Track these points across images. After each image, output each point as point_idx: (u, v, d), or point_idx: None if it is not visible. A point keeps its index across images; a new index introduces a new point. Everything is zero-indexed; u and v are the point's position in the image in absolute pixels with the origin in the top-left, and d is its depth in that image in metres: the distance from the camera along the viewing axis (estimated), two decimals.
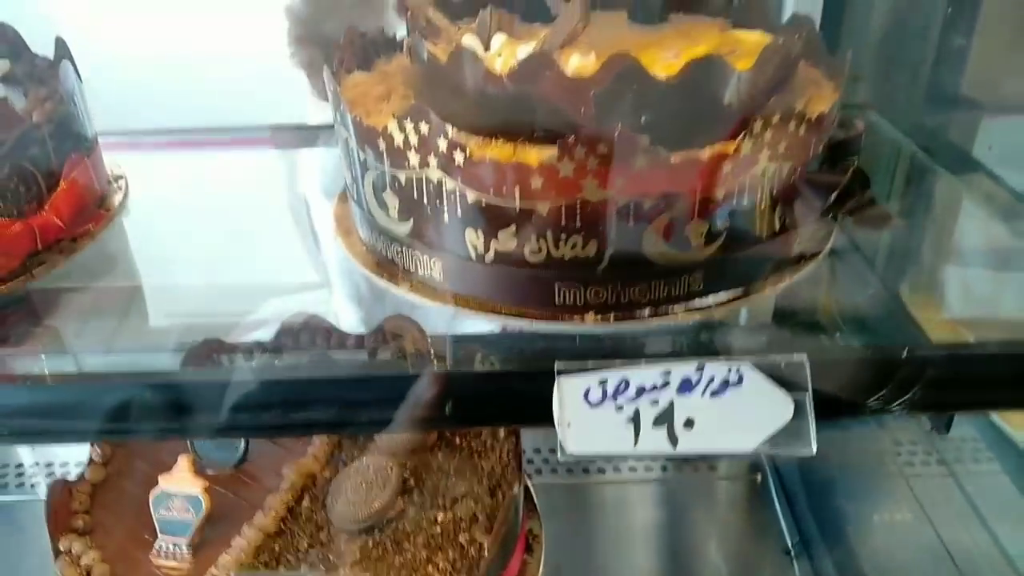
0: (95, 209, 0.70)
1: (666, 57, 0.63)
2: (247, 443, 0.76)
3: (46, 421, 0.62)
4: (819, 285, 0.61)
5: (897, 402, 0.47)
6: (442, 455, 0.77)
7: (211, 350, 0.84)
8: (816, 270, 0.60)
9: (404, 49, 0.70)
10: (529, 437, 1.03)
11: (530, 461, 1.14)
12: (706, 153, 0.53)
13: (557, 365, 0.50)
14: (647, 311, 0.56)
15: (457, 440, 0.79)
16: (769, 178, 0.55)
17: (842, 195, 0.61)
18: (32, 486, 1.11)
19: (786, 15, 0.94)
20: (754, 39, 0.66)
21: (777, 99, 0.58)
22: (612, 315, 0.56)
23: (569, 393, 0.49)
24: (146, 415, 0.61)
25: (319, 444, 0.78)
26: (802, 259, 0.60)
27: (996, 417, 0.80)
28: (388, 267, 0.63)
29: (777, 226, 0.57)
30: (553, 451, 1.07)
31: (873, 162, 0.77)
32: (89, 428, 0.65)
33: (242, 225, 0.96)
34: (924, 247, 0.80)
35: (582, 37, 0.65)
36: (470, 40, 0.64)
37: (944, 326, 0.71)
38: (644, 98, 0.53)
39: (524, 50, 0.62)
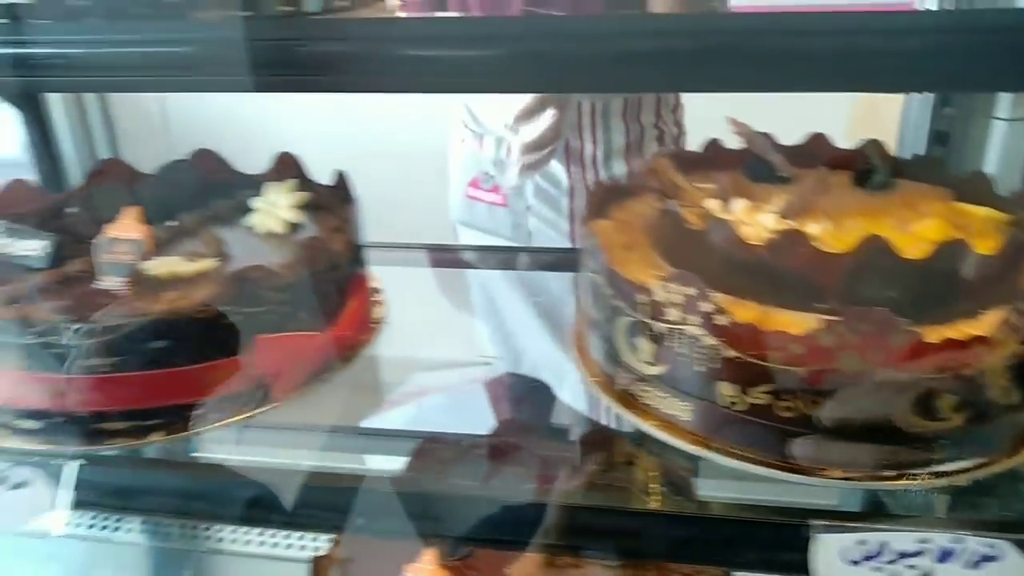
0: (369, 322, 0.81)
1: (893, 225, 0.69)
2: None
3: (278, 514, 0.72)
4: None
5: None
6: (654, 571, 0.81)
7: (433, 446, 0.93)
8: None
9: (643, 201, 0.79)
10: None
11: None
12: (953, 332, 0.58)
13: (813, 522, 0.54)
14: (892, 473, 0.60)
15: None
16: (1011, 354, 0.59)
17: None
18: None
19: (988, 162, 0.98)
20: (983, 215, 0.70)
21: (1017, 281, 0.62)
22: (857, 474, 0.60)
23: (827, 550, 0.54)
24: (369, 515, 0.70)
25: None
26: None
27: None
28: (628, 399, 0.70)
29: (1017, 399, 0.60)
30: None
31: None
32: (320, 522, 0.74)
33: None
34: None
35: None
36: (712, 203, 0.72)
37: None
38: (894, 277, 0.58)
39: (767, 217, 0.68)
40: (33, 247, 0.77)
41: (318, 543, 1.05)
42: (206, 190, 0.91)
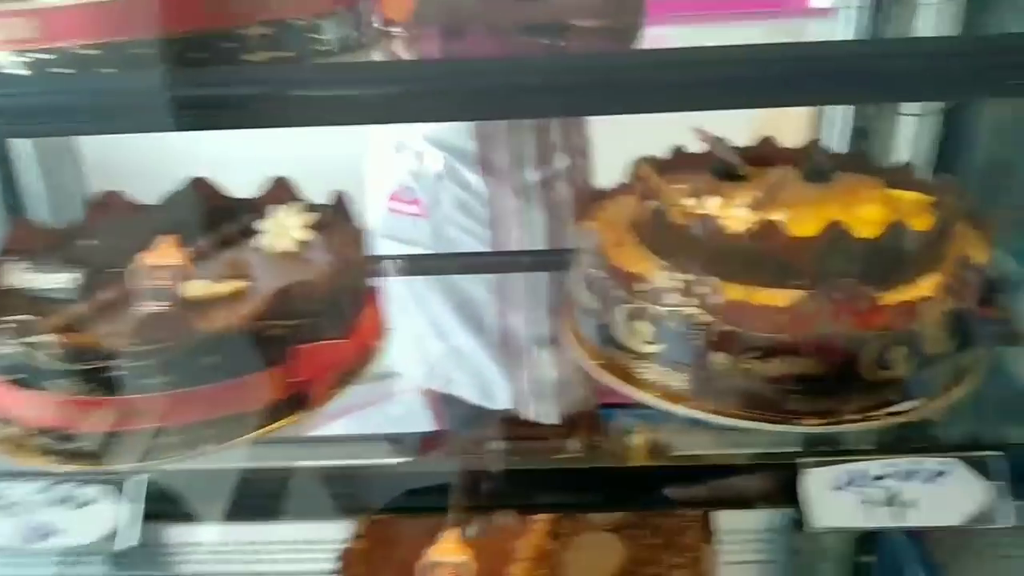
0: (382, 330, 0.89)
1: (841, 211, 0.81)
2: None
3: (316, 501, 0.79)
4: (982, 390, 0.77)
5: None
6: (645, 532, 0.92)
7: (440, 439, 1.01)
8: (979, 380, 0.77)
9: (631, 203, 0.90)
10: None
11: None
12: (901, 295, 0.70)
13: (801, 459, 0.66)
14: (857, 416, 0.72)
15: (654, 520, 0.94)
16: (949, 313, 0.72)
17: (995, 321, 0.78)
18: None
19: (900, 153, 1.13)
20: (911, 198, 0.84)
21: (945, 251, 0.76)
22: (830, 419, 0.72)
23: (814, 480, 0.65)
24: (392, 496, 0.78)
25: (539, 522, 0.93)
26: (969, 372, 0.77)
27: None
28: (630, 378, 0.80)
29: (953, 348, 0.74)
30: None
31: None
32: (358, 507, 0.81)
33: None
34: None
35: None
36: (690, 201, 0.83)
37: None
38: (853, 254, 0.71)
39: (740, 211, 0.80)
40: (61, 280, 0.81)
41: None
42: (210, 215, 0.96)
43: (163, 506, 0.72)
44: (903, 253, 0.73)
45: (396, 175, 1.47)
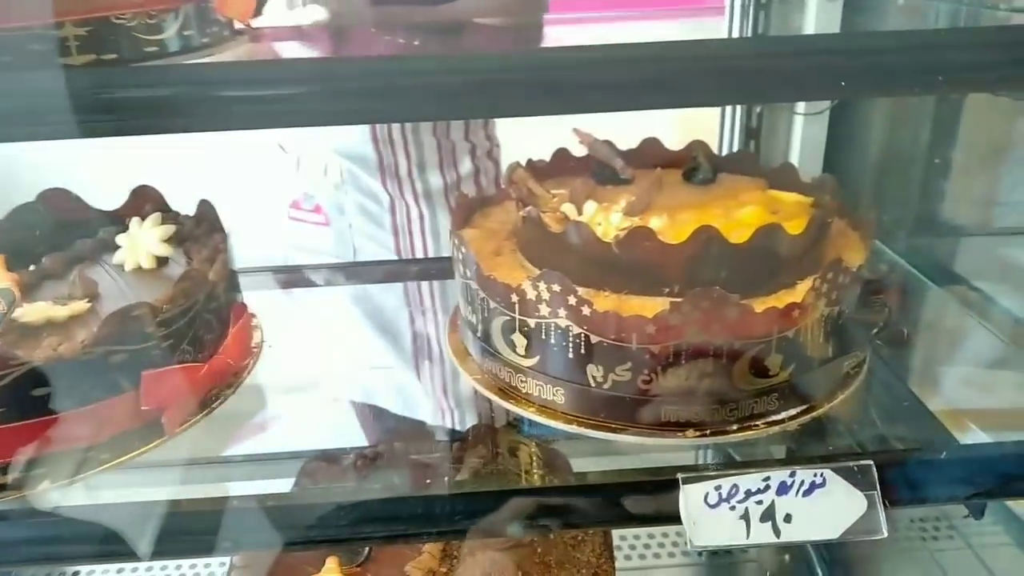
0: (250, 347, 0.83)
1: (720, 214, 0.79)
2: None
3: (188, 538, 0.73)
4: (862, 395, 0.76)
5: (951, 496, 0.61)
6: (542, 548, 0.89)
7: (322, 463, 0.96)
8: (859, 385, 0.75)
9: (515, 210, 0.86)
10: None
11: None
12: (775, 301, 0.68)
13: (680, 475, 0.63)
14: (735, 427, 0.70)
15: (551, 535, 0.91)
16: (824, 317, 0.70)
17: (874, 324, 0.77)
18: None
19: (793, 151, 1.13)
20: (792, 199, 0.82)
21: (822, 253, 0.74)
22: (708, 431, 0.69)
23: (692, 497, 0.63)
24: (267, 530, 0.73)
25: (430, 543, 0.89)
26: (849, 377, 0.75)
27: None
28: (510, 391, 0.77)
29: (830, 354, 0.72)
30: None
31: None
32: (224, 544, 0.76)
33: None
34: (930, 352, 0.96)
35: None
36: (567, 207, 0.80)
37: (949, 417, 0.86)
38: (724, 260, 0.68)
39: (616, 216, 0.77)
40: None
41: None
42: (65, 230, 0.89)
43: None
44: (777, 257, 0.71)
45: (297, 182, 1.42)
